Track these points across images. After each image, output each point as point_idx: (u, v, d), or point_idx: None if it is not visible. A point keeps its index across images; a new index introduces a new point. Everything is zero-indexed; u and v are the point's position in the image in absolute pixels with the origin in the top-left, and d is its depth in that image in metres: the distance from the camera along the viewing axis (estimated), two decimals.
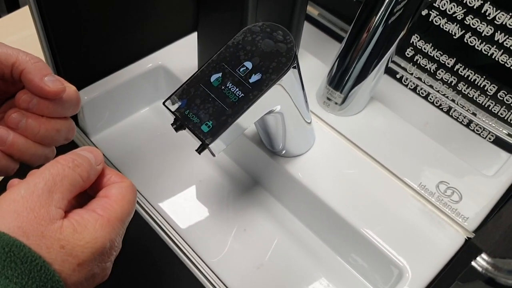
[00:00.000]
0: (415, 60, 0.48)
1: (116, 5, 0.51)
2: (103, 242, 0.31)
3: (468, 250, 0.21)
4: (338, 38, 0.65)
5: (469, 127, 0.49)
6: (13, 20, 0.81)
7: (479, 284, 0.21)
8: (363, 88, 0.52)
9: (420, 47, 0.46)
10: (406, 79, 0.51)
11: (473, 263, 0.21)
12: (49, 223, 0.29)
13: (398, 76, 0.52)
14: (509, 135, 0.52)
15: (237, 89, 0.38)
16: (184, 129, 0.38)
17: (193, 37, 0.59)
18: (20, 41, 0.76)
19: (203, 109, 0.38)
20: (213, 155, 0.39)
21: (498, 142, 0.53)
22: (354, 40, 0.49)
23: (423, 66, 0.47)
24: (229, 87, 0.38)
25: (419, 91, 0.51)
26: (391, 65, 0.51)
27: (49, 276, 0.28)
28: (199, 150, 0.38)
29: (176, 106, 0.38)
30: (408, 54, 0.48)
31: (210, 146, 0.37)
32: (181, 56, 0.59)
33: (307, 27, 0.70)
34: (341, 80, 0.52)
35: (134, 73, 0.58)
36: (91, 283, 0.32)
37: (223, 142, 0.38)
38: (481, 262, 0.21)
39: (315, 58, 0.60)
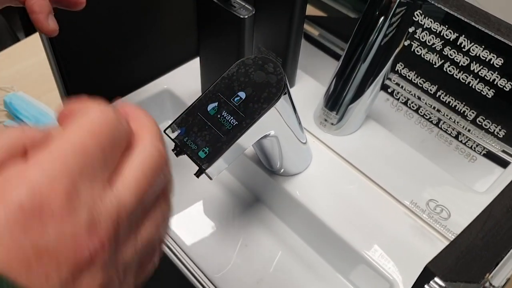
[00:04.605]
0: (400, 86, 0.50)
1: (124, 33, 0.55)
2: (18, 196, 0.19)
3: (423, 274, 0.23)
4: (339, 59, 0.67)
5: (465, 143, 0.51)
6: (29, 44, 0.85)
7: None
8: (359, 106, 0.54)
9: (404, 75, 0.49)
10: (398, 95, 0.53)
11: (426, 286, 0.23)
12: None
13: (387, 98, 0.55)
14: (503, 151, 0.53)
15: (232, 118, 0.40)
16: (184, 154, 0.41)
17: (196, 62, 0.62)
18: (36, 65, 0.80)
19: (201, 137, 0.40)
20: (210, 178, 0.41)
21: (493, 157, 0.55)
22: (350, 59, 0.51)
23: (408, 92, 0.50)
24: (224, 115, 0.41)
25: (407, 113, 0.54)
26: (387, 82, 0.53)
27: None
28: (197, 174, 0.41)
29: (176, 133, 0.41)
30: (394, 81, 0.51)
31: (207, 171, 0.40)
32: (185, 80, 0.62)
33: (307, 48, 0.73)
34: (337, 100, 0.54)
35: (141, 96, 0.61)
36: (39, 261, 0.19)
37: (220, 167, 0.41)
38: (433, 285, 0.23)
39: (313, 80, 0.63)
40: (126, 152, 0.23)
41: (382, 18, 0.46)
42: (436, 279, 0.23)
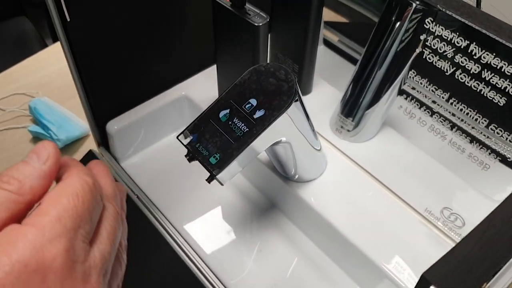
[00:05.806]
0: (414, 92, 0.50)
1: (143, 41, 0.56)
2: (28, 256, 0.23)
3: (420, 282, 0.23)
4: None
5: (480, 149, 0.50)
6: (55, 50, 0.87)
7: None
8: (375, 112, 0.54)
9: (417, 82, 0.48)
10: (413, 102, 0.53)
11: None
12: None
13: (400, 106, 0.54)
14: None
15: (243, 124, 0.41)
16: (195, 160, 0.42)
17: (213, 69, 0.62)
18: (61, 70, 0.82)
19: (212, 143, 0.41)
20: (221, 184, 0.42)
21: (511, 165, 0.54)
22: (365, 65, 0.51)
23: (421, 99, 0.50)
24: (236, 122, 0.41)
25: (420, 120, 0.53)
26: (404, 87, 0.52)
27: None
28: (209, 180, 0.42)
29: (188, 140, 0.42)
30: (409, 85, 0.51)
31: (217, 176, 0.41)
32: (203, 87, 0.63)
33: (327, 54, 0.73)
34: (353, 106, 0.54)
35: (161, 103, 0.62)
36: None
37: (230, 173, 0.41)
38: None
39: (331, 86, 0.63)
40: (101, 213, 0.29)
41: (398, 24, 0.46)
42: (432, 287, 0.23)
